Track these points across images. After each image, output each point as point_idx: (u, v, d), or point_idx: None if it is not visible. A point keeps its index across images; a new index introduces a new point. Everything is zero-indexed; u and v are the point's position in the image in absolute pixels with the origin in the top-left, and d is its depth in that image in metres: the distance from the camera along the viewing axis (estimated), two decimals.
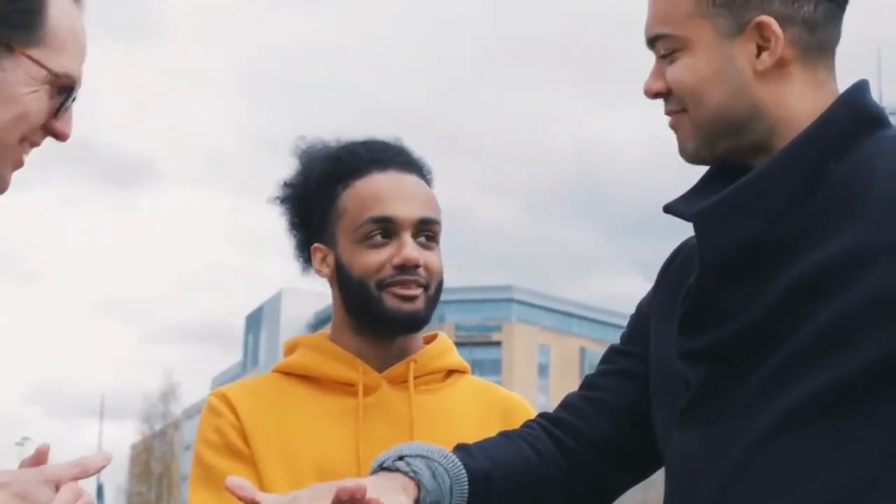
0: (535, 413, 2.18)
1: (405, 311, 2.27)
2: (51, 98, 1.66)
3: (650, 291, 2.02)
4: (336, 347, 2.35)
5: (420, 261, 2.28)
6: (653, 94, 1.85)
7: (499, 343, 66.90)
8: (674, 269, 1.97)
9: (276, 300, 78.83)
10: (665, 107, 1.85)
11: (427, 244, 2.32)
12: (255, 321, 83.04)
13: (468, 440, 1.99)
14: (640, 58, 1.87)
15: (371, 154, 2.36)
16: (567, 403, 2.06)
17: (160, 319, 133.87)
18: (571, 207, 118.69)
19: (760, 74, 1.77)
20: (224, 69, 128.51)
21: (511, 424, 2.14)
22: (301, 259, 2.42)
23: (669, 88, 1.82)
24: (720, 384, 1.77)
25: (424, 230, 2.31)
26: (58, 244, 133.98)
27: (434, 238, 2.33)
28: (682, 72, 1.80)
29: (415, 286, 2.27)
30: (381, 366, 2.34)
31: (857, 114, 1.78)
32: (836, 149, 1.75)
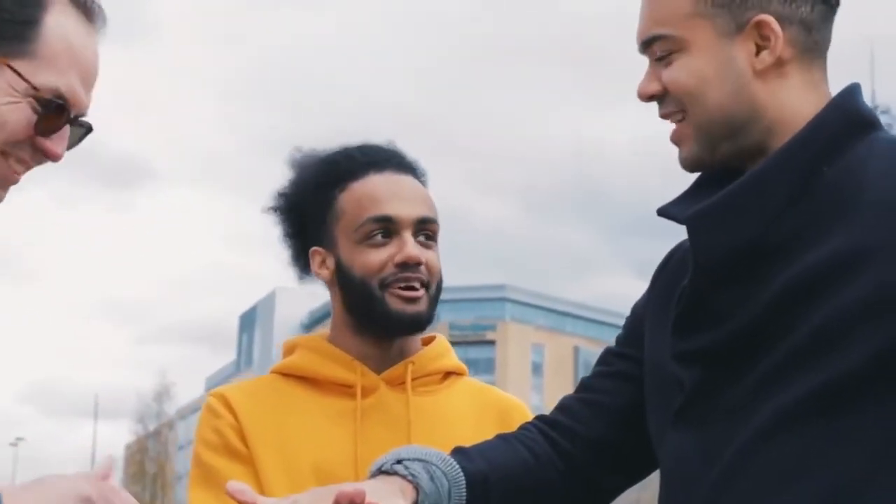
0: (532, 415, 2.19)
1: (408, 313, 2.28)
2: (35, 112, 1.62)
3: (645, 293, 2.03)
4: (335, 349, 2.35)
5: (422, 258, 2.28)
6: (647, 97, 1.85)
7: (493, 342, 66.83)
8: (668, 272, 1.97)
9: (270, 300, 78.63)
10: (660, 109, 1.85)
11: (426, 243, 2.33)
12: (249, 321, 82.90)
13: (465, 442, 2.00)
14: (639, 58, 1.87)
15: (366, 157, 2.37)
16: (563, 406, 2.07)
17: (154, 319, 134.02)
18: (568, 207, 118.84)
19: (759, 74, 1.78)
20: (222, 70, 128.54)
21: (508, 426, 2.15)
22: (297, 266, 2.43)
23: (665, 90, 1.82)
24: (714, 385, 1.77)
25: (424, 229, 2.32)
26: (55, 244, 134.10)
27: (433, 237, 2.35)
28: (681, 73, 1.80)
29: (417, 284, 2.28)
30: (380, 367, 2.34)
31: (850, 117, 1.79)
32: (829, 151, 1.76)
